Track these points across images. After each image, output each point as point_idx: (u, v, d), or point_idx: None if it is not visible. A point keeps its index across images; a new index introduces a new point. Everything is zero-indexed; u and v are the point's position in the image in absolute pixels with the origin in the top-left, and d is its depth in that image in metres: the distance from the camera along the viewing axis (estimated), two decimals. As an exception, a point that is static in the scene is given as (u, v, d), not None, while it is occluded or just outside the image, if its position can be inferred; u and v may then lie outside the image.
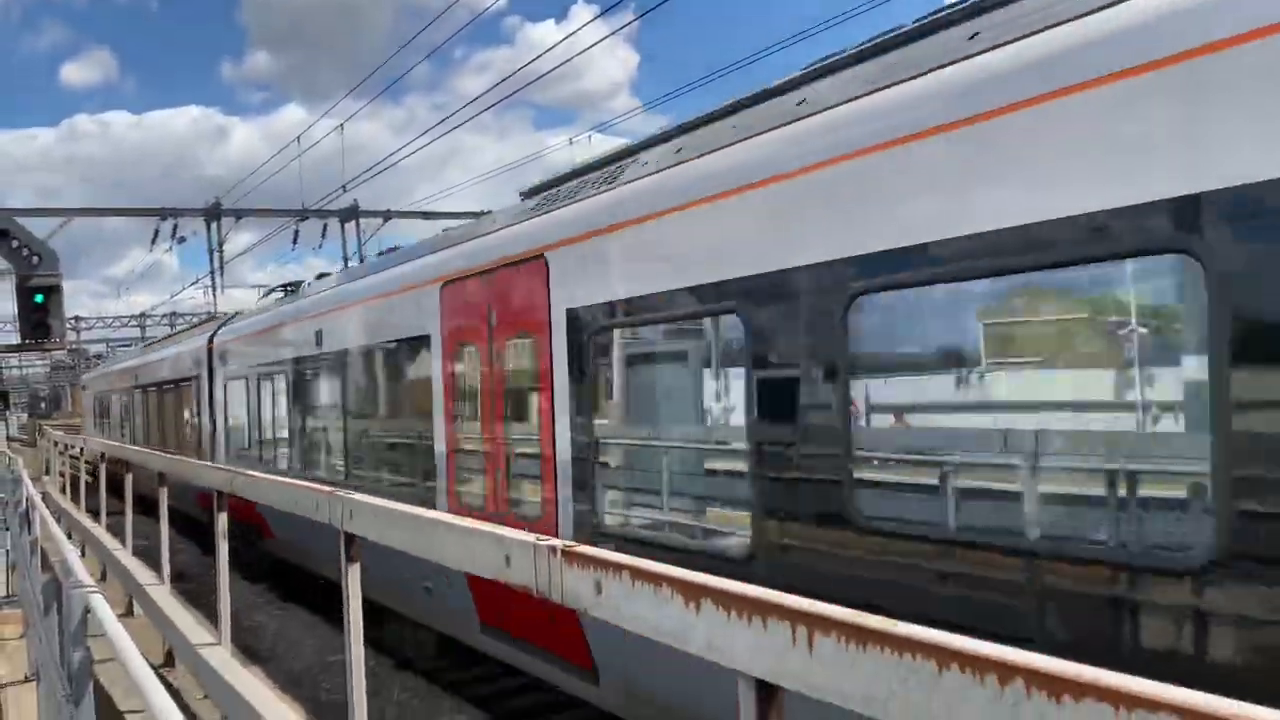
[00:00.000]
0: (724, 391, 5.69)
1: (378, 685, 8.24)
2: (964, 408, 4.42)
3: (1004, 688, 1.31)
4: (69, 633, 3.89)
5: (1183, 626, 3.19)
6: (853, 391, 4.39)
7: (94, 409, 31.40)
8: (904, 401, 4.74)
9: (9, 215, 21.53)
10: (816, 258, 4.45)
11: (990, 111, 3.71)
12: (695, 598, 1.96)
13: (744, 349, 4.94)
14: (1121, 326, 3.68)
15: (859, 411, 4.46)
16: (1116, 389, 3.82)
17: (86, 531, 12.61)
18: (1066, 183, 3.49)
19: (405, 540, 3.50)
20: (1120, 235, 3.32)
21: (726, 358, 5.57)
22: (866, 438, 4.53)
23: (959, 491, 4.22)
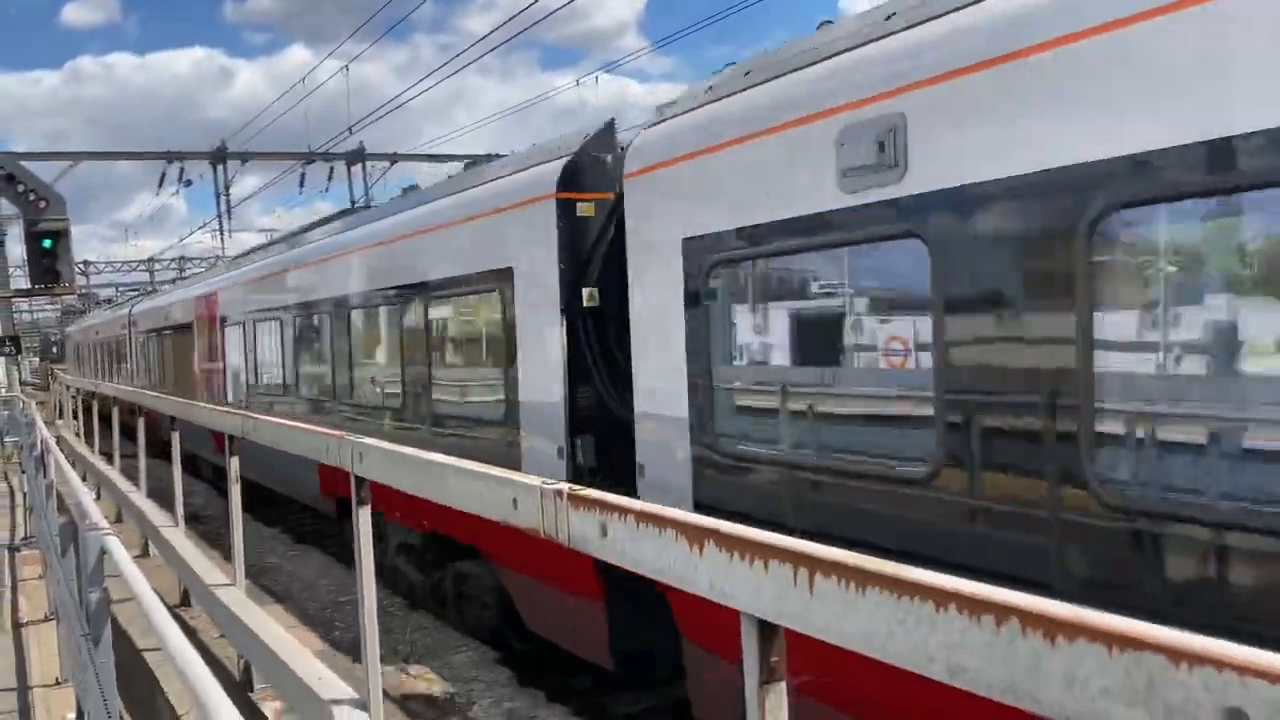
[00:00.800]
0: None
1: (391, 624, 8.40)
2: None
3: (1000, 627, 1.33)
4: (86, 574, 3.97)
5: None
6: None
7: (74, 356, 40.50)
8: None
9: (15, 159, 21.44)
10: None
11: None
12: (699, 540, 1.98)
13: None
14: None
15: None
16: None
17: (101, 474, 12.76)
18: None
19: (414, 483, 3.53)
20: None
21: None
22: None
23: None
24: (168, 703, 6.10)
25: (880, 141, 4.31)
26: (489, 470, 3.10)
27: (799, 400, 5.07)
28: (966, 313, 4.10)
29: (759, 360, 5.61)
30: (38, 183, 20.46)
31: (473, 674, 7.33)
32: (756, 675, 1.86)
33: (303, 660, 4.69)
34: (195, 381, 17.56)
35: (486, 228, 7.64)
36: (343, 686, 4.25)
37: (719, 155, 5.32)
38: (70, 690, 6.99)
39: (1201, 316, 3.54)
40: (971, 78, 3.98)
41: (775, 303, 5.44)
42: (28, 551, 12.14)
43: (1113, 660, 1.18)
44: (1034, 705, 1.27)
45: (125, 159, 28.05)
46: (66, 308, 61.73)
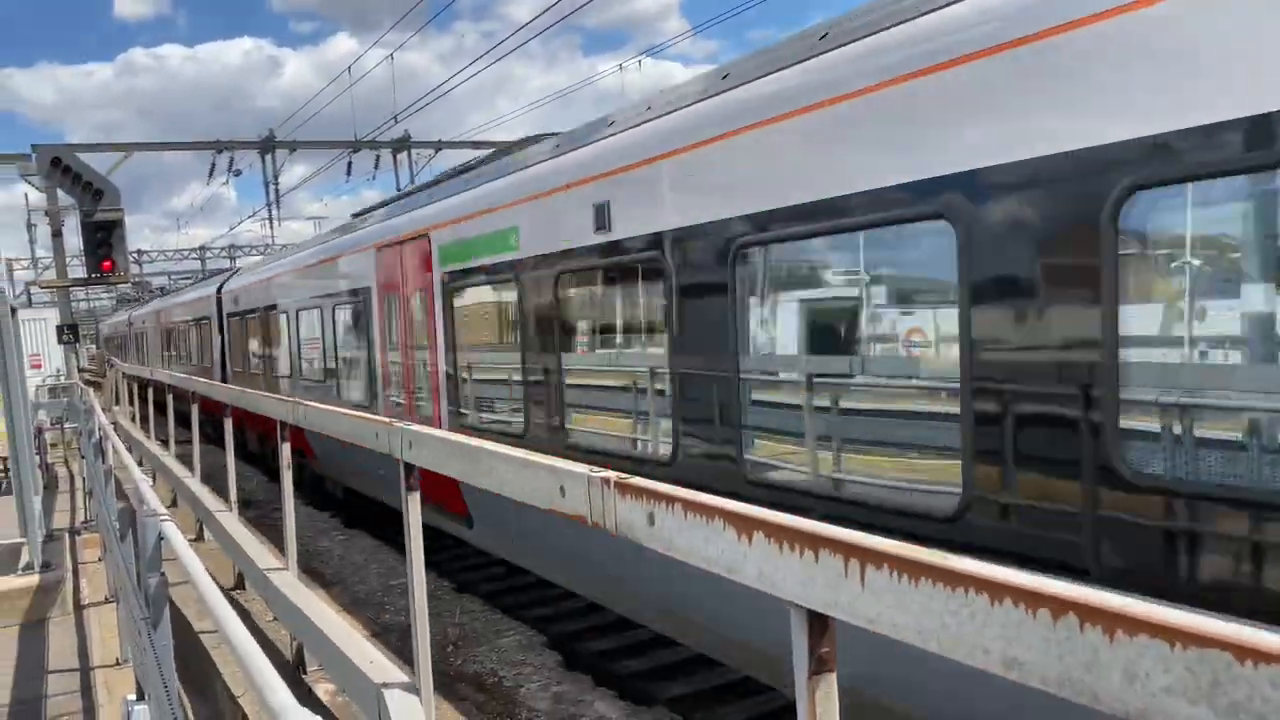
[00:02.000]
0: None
1: (440, 607, 8.50)
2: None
3: (1057, 622, 1.31)
4: (144, 559, 4.05)
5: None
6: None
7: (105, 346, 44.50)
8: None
9: (71, 150, 21.91)
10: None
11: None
12: (747, 530, 1.97)
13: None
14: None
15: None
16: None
17: (157, 460, 13.03)
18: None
19: (462, 470, 3.56)
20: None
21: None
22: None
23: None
24: (224, 684, 6.23)
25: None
26: (537, 458, 3.11)
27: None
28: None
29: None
30: (93, 174, 20.92)
31: (520, 657, 7.39)
32: (806, 666, 1.86)
33: (354, 643, 4.76)
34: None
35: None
36: (393, 670, 4.31)
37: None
38: (130, 670, 7.17)
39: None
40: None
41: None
42: (88, 535, 12.46)
43: (1175, 656, 1.15)
44: (1092, 701, 1.25)
45: (176, 149, 28.44)
46: (121, 296, 63.04)
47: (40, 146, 21.73)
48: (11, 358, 10.61)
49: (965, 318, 4.18)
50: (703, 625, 6.00)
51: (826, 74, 4.95)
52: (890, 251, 4.93)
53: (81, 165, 20.91)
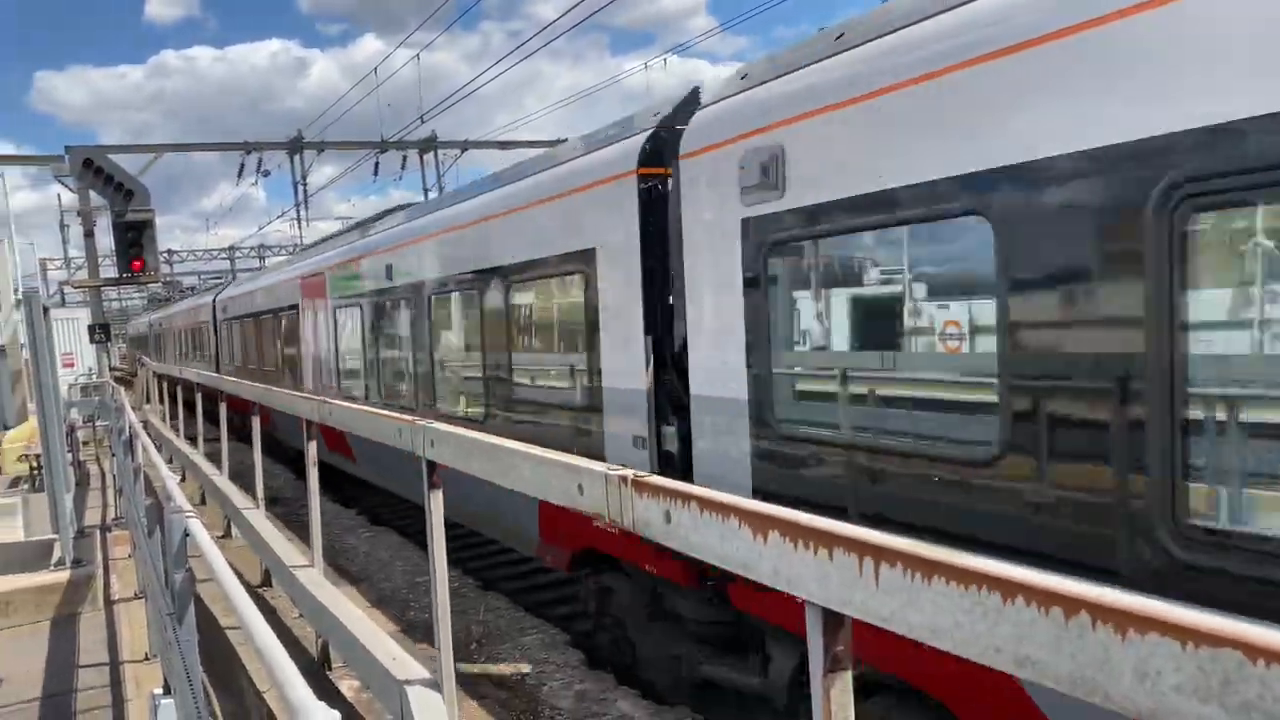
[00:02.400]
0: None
1: (464, 605, 8.55)
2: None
3: (1069, 621, 1.30)
4: (170, 555, 4.11)
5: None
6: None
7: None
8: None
9: (103, 152, 22.18)
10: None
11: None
12: (763, 528, 1.98)
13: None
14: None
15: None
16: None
17: (186, 457, 13.18)
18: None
19: (483, 468, 3.58)
20: None
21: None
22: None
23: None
24: (249, 680, 6.29)
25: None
26: (556, 456, 3.13)
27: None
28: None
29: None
30: (124, 175, 21.17)
31: (543, 655, 7.41)
32: (821, 664, 1.86)
33: (378, 641, 4.80)
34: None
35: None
36: (417, 667, 4.34)
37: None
38: (158, 666, 7.26)
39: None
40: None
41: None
42: (118, 531, 12.63)
43: (1186, 655, 1.15)
44: (1104, 700, 1.25)
45: (206, 150, 28.74)
46: (152, 295, 63.76)
47: (73, 148, 22.02)
48: (45, 357, 10.76)
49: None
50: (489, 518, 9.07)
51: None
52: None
53: (113, 166, 21.17)
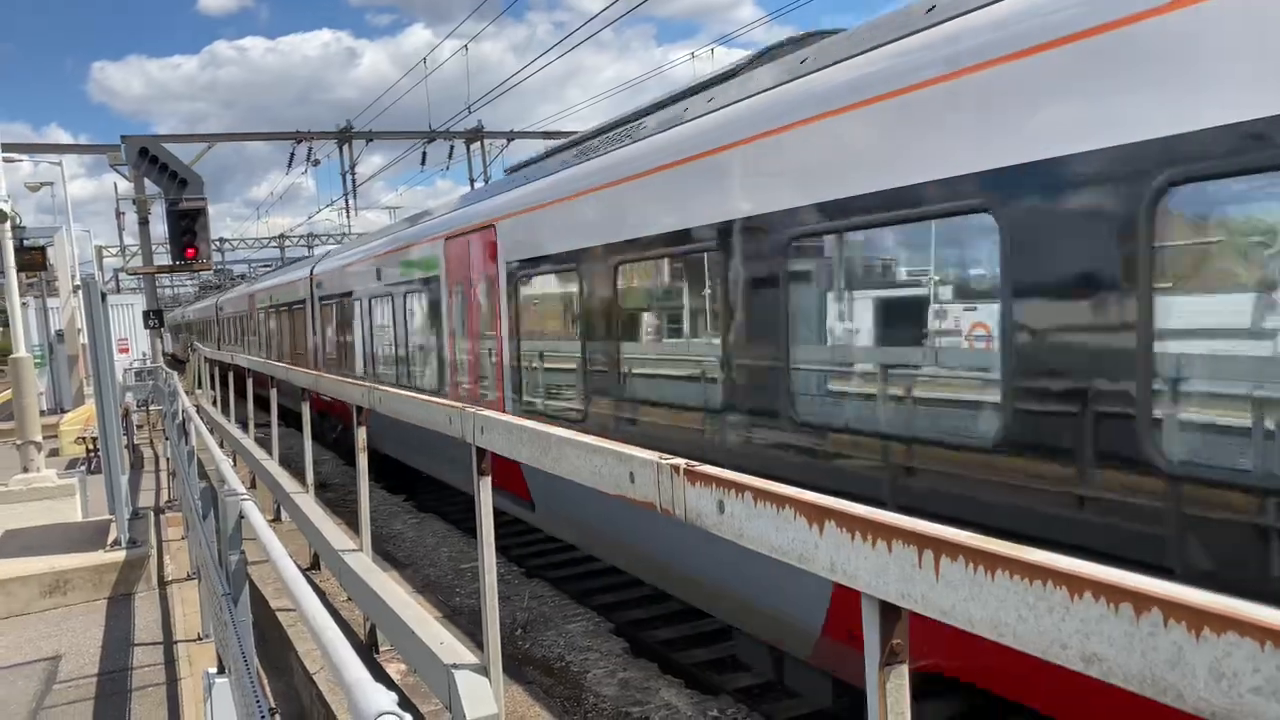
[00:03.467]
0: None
1: (508, 591, 8.61)
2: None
3: (1139, 618, 1.27)
4: (225, 537, 4.18)
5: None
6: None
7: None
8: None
9: (158, 141, 22.58)
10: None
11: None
12: (819, 519, 1.96)
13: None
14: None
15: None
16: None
17: (237, 442, 13.40)
18: None
19: (532, 455, 3.59)
20: None
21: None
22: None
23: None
24: (299, 661, 6.39)
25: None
26: (606, 444, 3.12)
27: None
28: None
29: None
30: (178, 164, 21.52)
31: (587, 644, 7.45)
32: (878, 657, 1.84)
33: (426, 625, 4.84)
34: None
35: None
36: (464, 652, 4.37)
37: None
38: (210, 645, 7.39)
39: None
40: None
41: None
42: (172, 514, 12.88)
43: (1266, 655, 1.11)
44: (1177, 700, 1.22)
45: (258, 139, 29.17)
46: (204, 283, 64.81)
47: (129, 138, 22.44)
48: (102, 342, 11.00)
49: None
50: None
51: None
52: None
53: (168, 155, 21.54)
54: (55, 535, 10.77)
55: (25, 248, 19.36)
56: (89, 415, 20.25)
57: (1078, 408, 4.09)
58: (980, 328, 4.78)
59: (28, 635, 8.49)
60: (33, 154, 28.38)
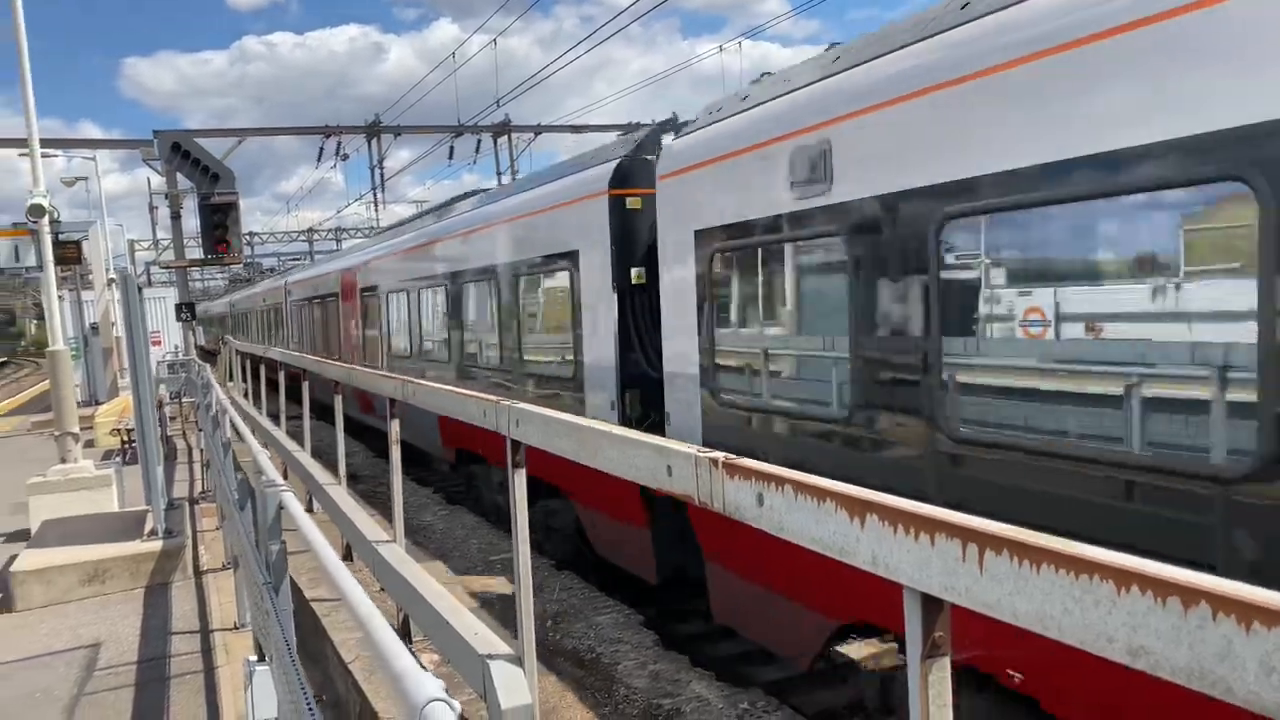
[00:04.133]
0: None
1: (539, 583, 8.66)
2: None
3: (1187, 611, 1.28)
4: (265, 527, 4.24)
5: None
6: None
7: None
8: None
9: (189, 136, 22.82)
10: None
11: None
12: (860, 512, 1.98)
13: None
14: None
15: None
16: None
17: (268, 434, 13.56)
18: None
19: (568, 448, 3.62)
20: None
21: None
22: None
23: None
24: (335, 650, 6.47)
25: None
26: (644, 438, 3.15)
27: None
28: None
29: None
30: (210, 159, 21.75)
31: (617, 635, 7.49)
32: (920, 649, 1.86)
33: (459, 615, 4.88)
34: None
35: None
36: (498, 642, 4.41)
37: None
38: (247, 634, 7.50)
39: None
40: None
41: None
42: (206, 504, 13.06)
43: (1318, 649, 1.12)
44: (1226, 694, 1.23)
45: (287, 134, 29.37)
46: (234, 276, 65.43)
47: (161, 133, 22.69)
48: (138, 335, 11.15)
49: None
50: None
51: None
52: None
53: (200, 150, 21.78)
54: (93, 525, 10.95)
55: (61, 242, 19.63)
56: (123, 407, 20.54)
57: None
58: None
59: (68, 623, 8.65)
60: (68, 150, 28.78)
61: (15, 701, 6.84)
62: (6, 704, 6.80)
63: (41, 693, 6.98)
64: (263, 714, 4.07)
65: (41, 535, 10.68)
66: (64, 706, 6.71)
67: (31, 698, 6.90)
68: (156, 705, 6.63)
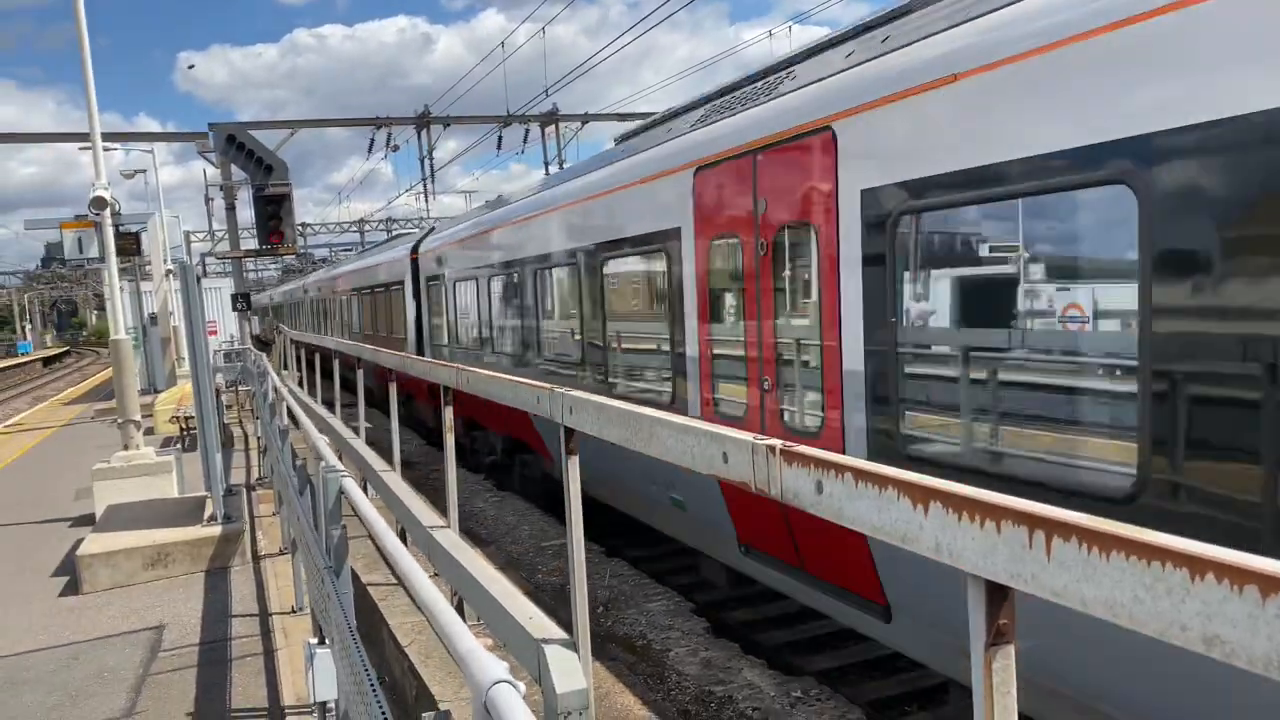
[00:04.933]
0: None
1: (590, 570, 8.72)
2: None
3: (1265, 600, 1.27)
4: (326, 511, 4.32)
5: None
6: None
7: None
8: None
9: (244, 128, 23.20)
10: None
11: None
12: (923, 500, 1.97)
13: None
14: None
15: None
16: None
17: (323, 421, 13.78)
18: None
19: (622, 436, 3.64)
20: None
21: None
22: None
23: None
24: (391, 634, 6.58)
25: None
26: (698, 425, 3.16)
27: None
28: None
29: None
30: (264, 150, 22.10)
31: (668, 622, 7.52)
32: (984, 637, 1.85)
33: (514, 599, 4.93)
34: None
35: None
36: (553, 626, 4.45)
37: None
38: (305, 618, 7.65)
39: None
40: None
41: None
42: (262, 490, 13.31)
43: (1402, 639, 1.11)
44: (1305, 682, 1.21)
45: (338, 125, 29.77)
46: (287, 266, 66.45)
47: (216, 125, 23.11)
48: (198, 325, 11.38)
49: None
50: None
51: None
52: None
53: (254, 142, 22.13)
54: (155, 510, 11.22)
55: (121, 234, 20.07)
56: (182, 395, 20.99)
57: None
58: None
59: (133, 606, 8.88)
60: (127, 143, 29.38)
61: (86, 680, 7.05)
62: (78, 682, 7.01)
63: (109, 672, 7.19)
64: (323, 695, 4.16)
65: (106, 520, 10.97)
66: (131, 686, 6.90)
67: (100, 677, 7.10)
68: (218, 686, 6.79)
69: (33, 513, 13.09)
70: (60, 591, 9.46)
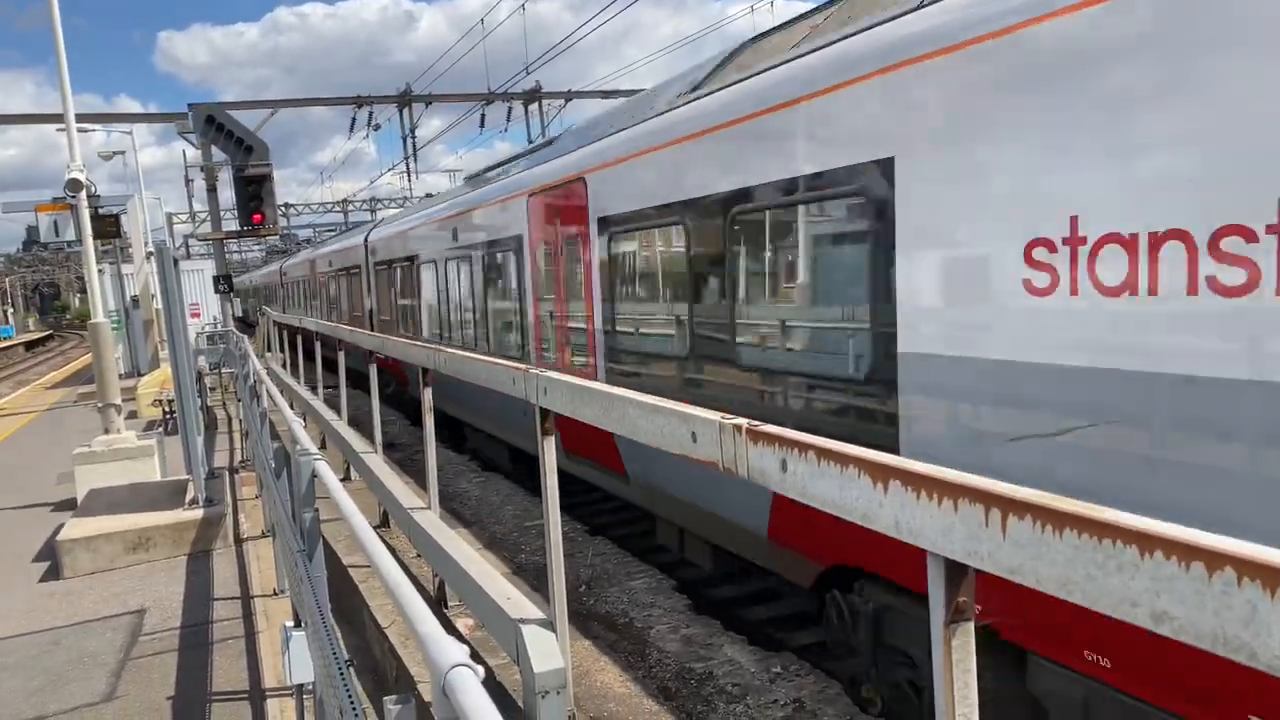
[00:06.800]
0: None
1: (572, 549, 8.74)
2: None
3: (1212, 576, 1.26)
4: (299, 495, 4.30)
5: None
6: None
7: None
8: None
9: (224, 108, 22.95)
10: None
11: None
12: (883, 478, 1.96)
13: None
14: None
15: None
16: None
17: (306, 403, 13.72)
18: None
19: (595, 415, 3.63)
20: None
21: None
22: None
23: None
24: (371, 616, 6.57)
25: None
26: (668, 405, 3.14)
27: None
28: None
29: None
30: (244, 131, 21.88)
31: (650, 600, 7.54)
32: (943, 614, 1.85)
33: (493, 581, 4.94)
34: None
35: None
36: (530, 607, 4.46)
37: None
38: (286, 601, 7.64)
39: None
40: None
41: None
42: (245, 474, 13.27)
43: (1344, 615, 1.10)
44: (1250, 659, 1.21)
45: (320, 104, 29.41)
46: (270, 248, 66.02)
47: (196, 105, 22.85)
48: (176, 307, 11.30)
49: None
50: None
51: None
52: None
53: (233, 122, 21.90)
54: (136, 494, 11.17)
55: (100, 216, 19.87)
56: (164, 378, 20.87)
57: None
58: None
59: (114, 590, 8.86)
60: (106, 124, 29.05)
61: (66, 665, 7.03)
62: (58, 667, 6.99)
63: (90, 657, 7.17)
64: (299, 677, 4.15)
65: (87, 504, 10.91)
66: (112, 670, 6.88)
67: (80, 662, 7.08)
68: (199, 669, 6.78)
69: (14, 498, 13.02)
70: (41, 577, 9.42)
